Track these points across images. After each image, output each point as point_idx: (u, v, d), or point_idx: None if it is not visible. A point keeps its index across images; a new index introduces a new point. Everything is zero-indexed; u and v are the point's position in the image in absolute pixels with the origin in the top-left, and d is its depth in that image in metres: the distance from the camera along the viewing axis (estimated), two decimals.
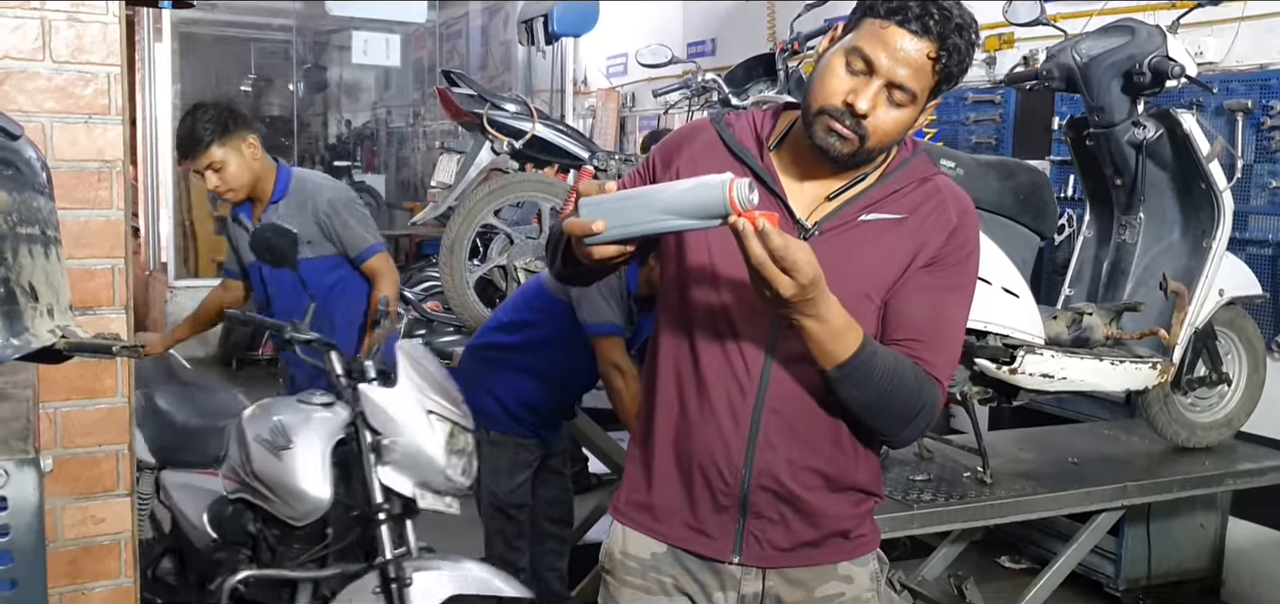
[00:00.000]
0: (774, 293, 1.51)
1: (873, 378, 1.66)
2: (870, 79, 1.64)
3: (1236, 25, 4.20)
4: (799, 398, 1.77)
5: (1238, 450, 3.88)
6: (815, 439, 1.80)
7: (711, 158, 1.80)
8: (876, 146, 1.69)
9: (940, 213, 1.77)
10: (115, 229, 2.38)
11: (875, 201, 1.76)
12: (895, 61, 1.62)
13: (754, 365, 1.77)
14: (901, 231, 1.75)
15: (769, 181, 1.77)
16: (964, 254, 1.79)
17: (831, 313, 1.59)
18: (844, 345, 1.62)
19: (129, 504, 2.52)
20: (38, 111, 2.27)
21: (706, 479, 1.82)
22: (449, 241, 4.29)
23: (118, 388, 2.45)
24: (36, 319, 1.11)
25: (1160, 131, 3.47)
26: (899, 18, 1.62)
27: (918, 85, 1.64)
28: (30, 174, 1.16)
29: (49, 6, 2.26)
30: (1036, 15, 3.72)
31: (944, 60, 1.64)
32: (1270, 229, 4.12)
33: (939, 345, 1.76)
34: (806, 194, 1.78)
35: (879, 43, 1.62)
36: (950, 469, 3.47)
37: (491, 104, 4.51)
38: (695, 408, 1.82)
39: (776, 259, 1.48)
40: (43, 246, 1.12)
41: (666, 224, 1.52)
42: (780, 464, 1.79)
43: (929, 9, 1.62)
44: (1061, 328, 3.47)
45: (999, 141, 5.20)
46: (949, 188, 1.82)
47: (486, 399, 3.46)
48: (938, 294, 1.76)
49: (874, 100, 1.64)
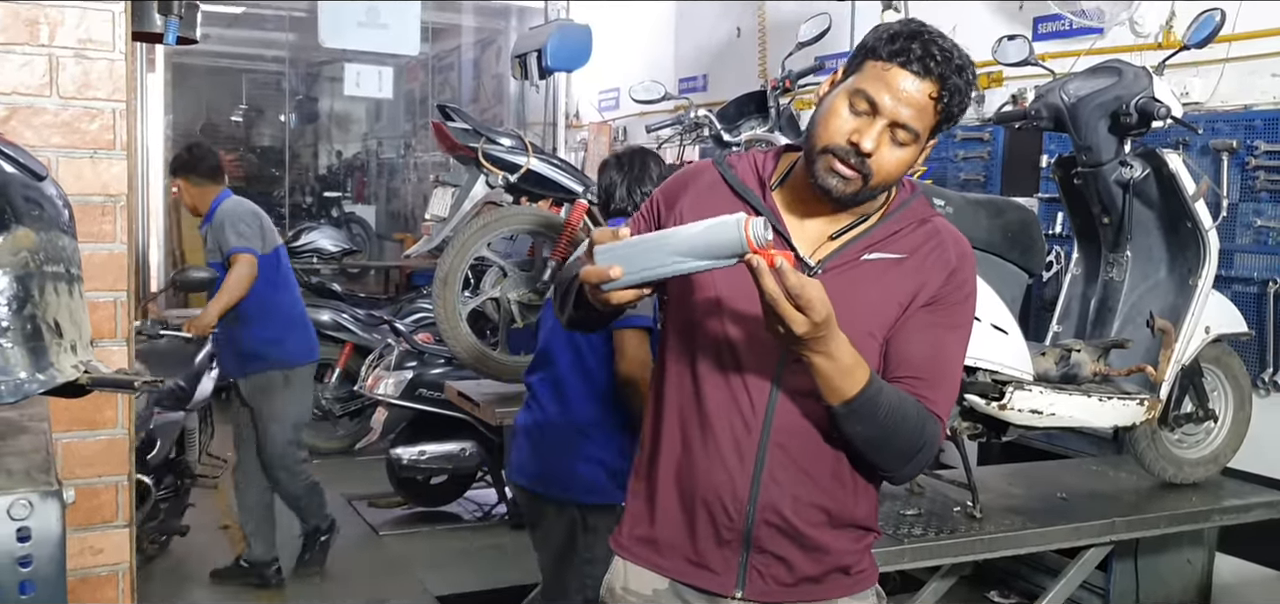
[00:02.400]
0: (787, 330, 1.55)
1: (878, 414, 1.68)
2: (874, 119, 1.68)
3: (1221, 67, 4.27)
4: (804, 433, 1.79)
5: (1224, 486, 3.91)
6: (819, 474, 1.82)
7: (715, 198, 1.83)
8: (878, 185, 1.73)
9: (940, 253, 1.81)
10: (119, 262, 2.40)
11: (877, 242, 1.80)
12: (898, 102, 1.67)
13: (759, 400, 1.79)
14: (902, 271, 1.79)
15: (772, 221, 1.79)
16: (963, 294, 1.82)
17: (841, 350, 1.61)
18: (852, 382, 1.65)
19: (128, 535, 2.52)
20: (44, 146, 2.30)
21: (710, 513, 1.83)
22: (443, 273, 4.32)
23: (118, 420, 2.47)
24: (61, 355, 1.13)
25: (1147, 171, 3.52)
26: (902, 59, 1.66)
27: (920, 125, 1.69)
28: (54, 213, 1.18)
29: (57, 44, 2.29)
30: (1025, 55, 3.78)
31: (945, 100, 1.69)
32: (1255, 267, 4.17)
33: (939, 383, 1.79)
34: (809, 233, 1.82)
35: (882, 84, 1.67)
36: (940, 504, 3.49)
37: (487, 138, 4.55)
38: (699, 442, 1.83)
39: (791, 297, 1.52)
40: (67, 284, 1.15)
41: (683, 266, 1.54)
42: (784, 499, 1.81)
43: (931, 50, 1.66)
44: (1050, 364, 3.51)
45: (988, 179, 5.26)
46: (947, 230, 1.86)
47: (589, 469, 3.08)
48: (937, 332, 1.79)
49: (878, 139, 1.68)
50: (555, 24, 6.49)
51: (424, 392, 5.76)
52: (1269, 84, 4.14)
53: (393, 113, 12.67)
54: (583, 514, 3.10)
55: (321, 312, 6.99)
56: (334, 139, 13.45)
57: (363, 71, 9.71)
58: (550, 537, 3.21)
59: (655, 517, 1.91)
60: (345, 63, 9.88)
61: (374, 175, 13.10)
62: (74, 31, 2.33)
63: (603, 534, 2.82)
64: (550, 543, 3.22)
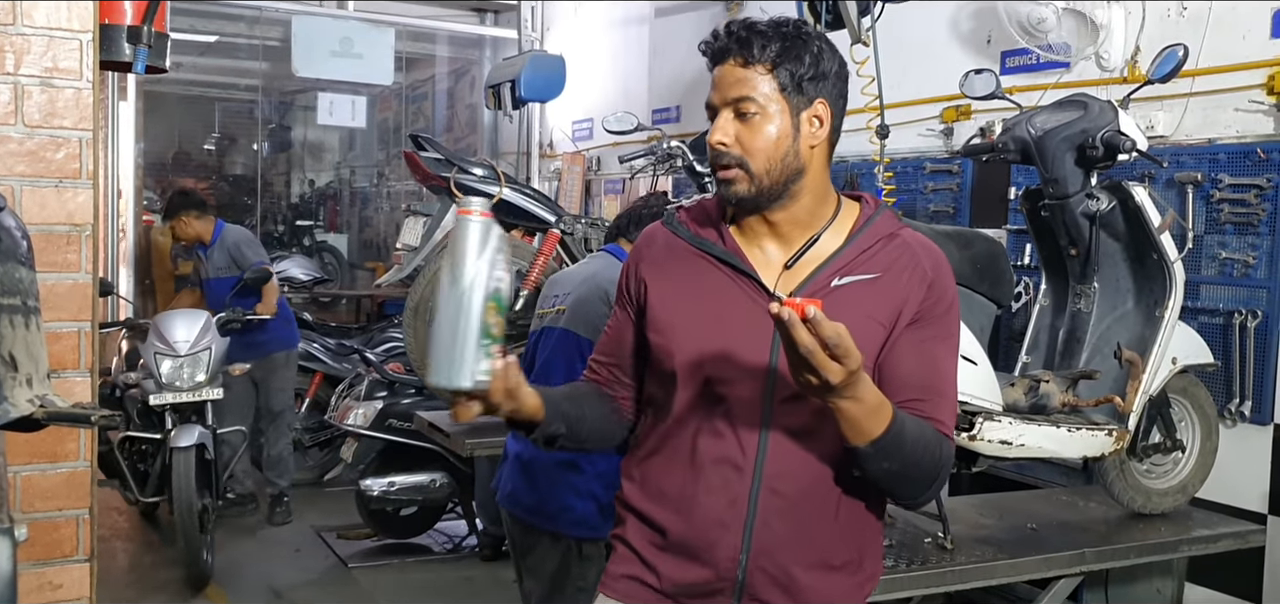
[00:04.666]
0: (823, 381, 1.49)
1: (905, 447, 1.65)
2: (718, 116, 1.77)
3: (1186, 101, 4.32)
4: (797, 476, 1.76)
5: (1193, 517, 3.93)
6: (815, 518, 1.78)
7: (673, 256, 1.86)
8: (764, 169, 1.74)
9: (915, 267, 1.79)
10: (83, 292, 2.38)
11: (845, 264, 1.77)
12: (725, 88, 1.76)
13: (749, 445, 1.76)
14: (877, 290, 1.76)
15: (738, 264, 1.79)
16: (946, 304, 1.81)
17: (868, 392, 1.57)
18: (878, 421, 1.60)
19: (88, 570, 2.49)
20: (8, 175, 2.28)
21: (702, 561, 1.79)
22: (413, 303, 4.31)
23: (80, 452, 2.44)
24: (16, 389, 1.11)
25: (1113, 203, 3.55)
26: (716, 59, 1.78)
27: (756, 91, 1.73)
28: (11, 244, 1.17)
29: (22, 72, 2.28)
30: (992, 89, 3.82)
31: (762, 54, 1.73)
32: (1221, 298, 4.21)
33: (940, 399, 1.76)
34: (769, 260, 1.81)
35: (713, 87, 1.79)
36: (911, 535, 3.49)
37: (459, 168, 4.54)
38: (690, 490, 1.80)
39: (828, 347, 1.46)
40: (24, 317, 1.13)
41: (475, 298, 1.55)
42: (779, 545, 1.77)
43: (732, 32, 1.75)
44: (1019, 395, 3.53)
45: (956, 210, 5.29)
46: (918, 240, 1.84)
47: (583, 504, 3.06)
48: (928, 347, 1.77)
49: (725, 128, 1.75)
50: (529, 55, 6.53)
51: (394, 422, 5.71)
52: (1232, 118, 4.20)
53: (366, 142, 12.64)
54: (577, 544, 3.09)
55: None
56: (307, 168, 13.39)
57: (336, 100, 9.67)
58: (542, 565, 3.18)
59: (645, 561, 1.87)
60: (318, 92, 9.85)
61: (346, 204, 13.06)
62: (40, 60, 2.31)
63: (596, 563, 2.94)
64: (542, 571, 3.19)
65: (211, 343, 5.43)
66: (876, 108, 4.47)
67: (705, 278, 1.82)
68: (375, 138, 12.48)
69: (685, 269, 1.84)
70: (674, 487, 1.82)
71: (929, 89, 5.35)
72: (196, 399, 5.27)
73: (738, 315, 1.78)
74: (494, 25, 9.77)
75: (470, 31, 10.04)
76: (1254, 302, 4.10)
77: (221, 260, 6.23)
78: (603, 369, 1.98)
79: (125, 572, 5.48)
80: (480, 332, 1.52)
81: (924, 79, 5.35)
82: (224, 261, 6.23)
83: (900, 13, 4.76)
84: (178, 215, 6.30)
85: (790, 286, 1.77)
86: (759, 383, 1.75)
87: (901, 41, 5.18)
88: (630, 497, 1.91)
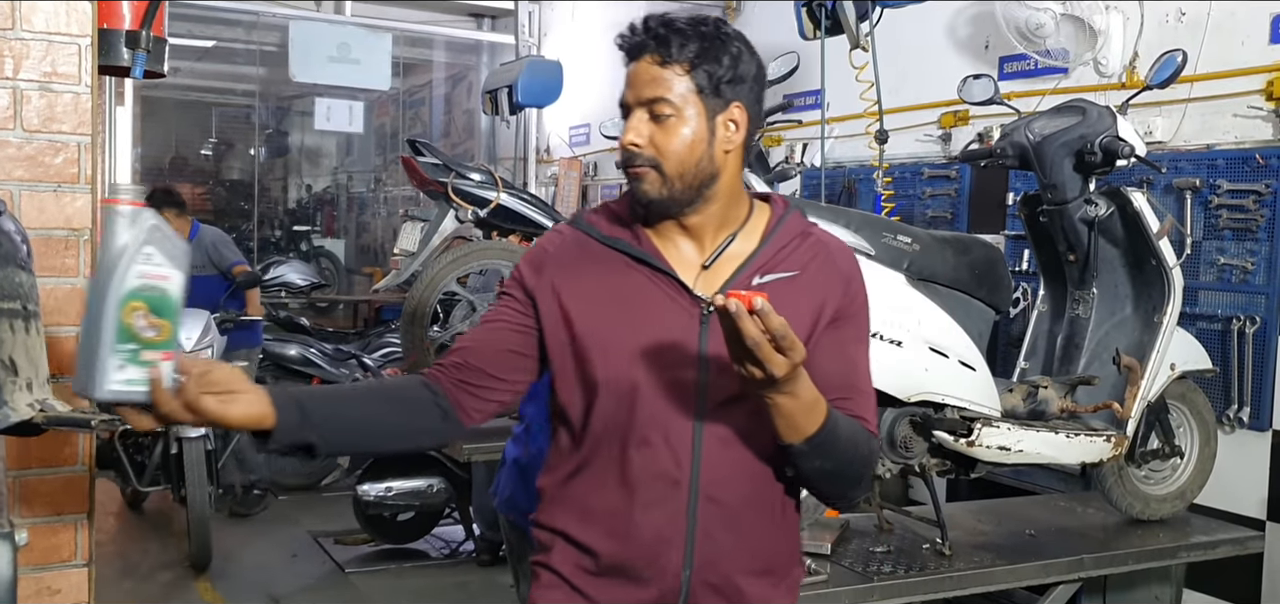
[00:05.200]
0: (767, 375, 1.46)
1: (839, 444, 1.62)
2: (631, 114, 1.71)
3: (1184, 106, 4.32)
4: (735, 482, 1.71)
5: (1191, 523, 3.93)
6: (755, 523, 1.74)
7: (585, 257, 1.77)
8: (677, 170, 1.68)
9: (831, 265, 1.77)
10: (81, 297, 2.38)
11: (764, 263, 1.74)
12: (639, 87, 1.69)
13: (684, 455, 1.69)
14: (797, 288, 1.72)
15: (657, 265, 1.73)
16: (861, 301, 1.79)
17: (805, 387, 1.54)
18: (814, 417, 1.57)
19: (87, 575, 2.48)
20: (6, 179, 2.28)
21: (643, 582, 1.73)
22: (411, 308, 4.30)
23: (78, 457, 2.43)
24: (16, 393, 1.11)
25: (1111, 209, 3.56)
26: (630, 56, 1.72)
27: (671, 92, 1.67)
28: (11, 248, 1.16)
29: (21, 77, 2.27)
30: (990, 94, 3.82)
31: (680, 53, 1.67)
32: (1219, 304, 4.22)
33: (863, 398, 1.74)
34: (686, 260, 1.75)
35: (628, 84, 1.72)
36: (910, 541, 3.49)
37: (457, 173, 4.54)
38: (624, 509, 1.72)
39: (776, 339, 1.43)
40: (24, 321, 1.13)
41: (109, 305, 1.40)
42: (722, 556, 1.72)
43: (649, 29, 1.69)
44: (1017, 401, 3.53)
45: (954, 216, 5.30)
46: (830, 239, 1.81)
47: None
48: (848, 347, 1.75)
49: (639, 129, 1.69)
50: (526, 60, 6.52)
51: None
52: (1231, 123, 4.20)
53: (363, 147, 12.64)
54: None
55: (289, 346, 6.96)
56: (304, 173, 13.38)
57: (333, 106, 9.69)
58: None
59: (575, 587, 1.78)
60: (316, 97, 9.86)
61: (344, 209, 13.05)
62: (39, 65, 2.31)
63: None
64: None
65: (212, 340, 5.80)
66: (875, 113, 4.48)
67: (624, 281, 1.74)
68: (372, 143, 12.48)
69: (601, 272, 1.75)
70: (604, 507, 1.73)
71: (927, 94, 5.36)
72: None
73: (662, 319, 1.71)
74: (491, 31, 9.78)
75: (467, 37, 10.05)
76: (1252, 307, 4.10)
77: (198, 259, 6.48)
78: (450, 370, 1.78)
79: (118, 567, 5.47)
80: (117, 336, 1.36)
81: (922, 84, 5.36)
82: (200, 260, 6.49)
83: (899, 18, 4.77)
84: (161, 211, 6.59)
85: (712, 288, 1.71)
86: (690, 389, 1.69)
87: (900, 47, 5.19)
88: (553, 520, 1.80)
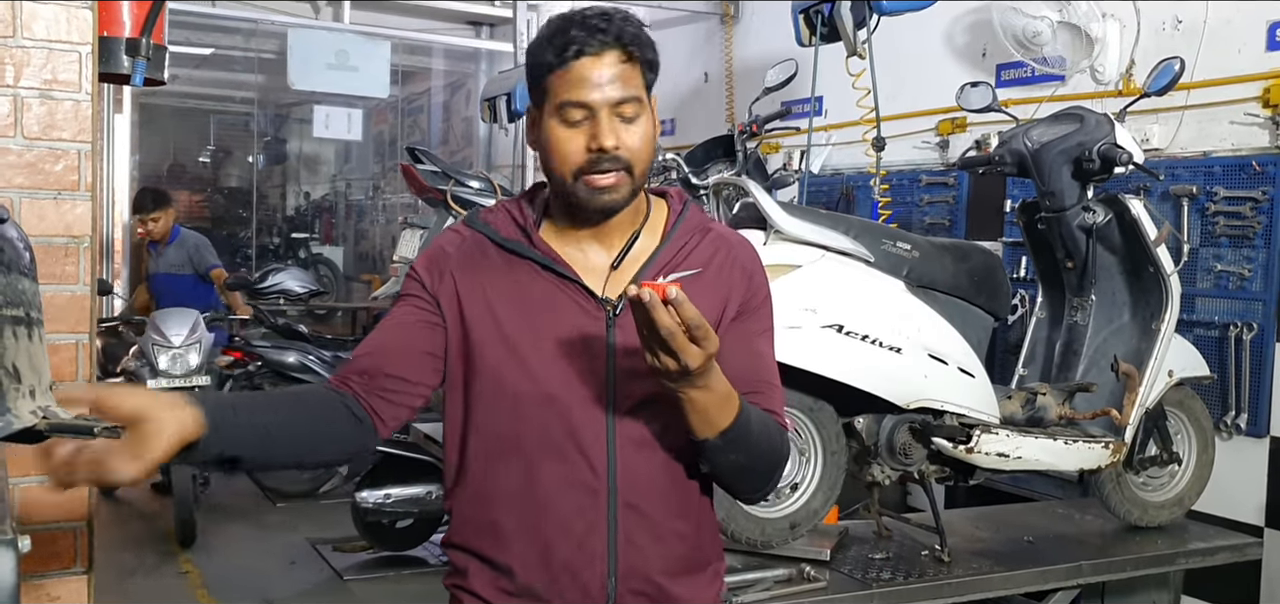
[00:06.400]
0: (681, 366, 1.42)
1: (752, 437, 1.59)
2: (597, 117, 1.59)
3: (1181, 114, 4.34)
4: (652, 485, 1.67)
5: (1189, 529, 3.94)
6: (675, 524, 1.70)
7: (484, 257, 1.70)
8: (642, 174, 1.64)
9: (734, 260, 1.74)
10: (81, 304, 2.38)
11: (669, 261, 1.69)
12: (604, 86, 1.59)
13: (599, 463, 1.64)
14: (702, 285, 1.67)
15: (553, 266, 1.67)
16: (764, 295, 1.76)
17: (718, 380, 1.50)
18: (727, 411, 1.53)
19: (86, 582, 2.48)
20: (7, 187, 2.28)
21: (567, 600, 1.67)
22: None
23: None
24: (19, 400, 1.11)
25: (1109, 216, 3.57)
26: (576, 51, 1.59)
27: (636, 91, 1.62)
28: (15, 255, 1.17)
29: (22, 84, 2.28)
30: (988, 102, 3.84)
31: (635, 52, 1.62)
32: (1217, 311, 4.23)
33: (771, 391, 1.70)
34: (592, 264, 1.70)
35: (580, 84, 1.59)
36: (909, 548, 3.50)
37: (455, 180, 4.56)
38: (540, 525, 1.66)
39: (691, 329, 1.40)
40: (26, 328, 1.13)
41: None
42: (646, 561, 1.68)
43: (593, 24, 1.59)
44: (1016, 407, 3.53)
45: (952, 223, 5.31)
46: (731, 234, 1.79)
47: None
48: (753, 342, 1.72)
49: (612, 131, 1.59)
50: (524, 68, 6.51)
51: None
52: (1227, 131, 4.22)
53: (362, 154, 12.65)
54: None
55: (287, 353, 6.94)
56: (302, 180, 13.38)
57: (332, 113, 9.69)
58: None
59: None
60: (314, 104, 9.86)
61: (342, 217, 13.05)
62: (40, 72, 2.31)
63: None
64: None
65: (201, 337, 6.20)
66: (872, 120, 4.49)
67: (529, 287, 1.67)
68: (371, 150, 12.48)
69: (502, 277, 1.69)
70: (519, 523, 1.66)
71: (925, 102, 5.37)
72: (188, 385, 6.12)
73: (568, 324, 1.65)
74: (489, 38, 9.78)
75: (465, 45, 10.05)
76: (1250, 314, 4.11)
77: (178, 259, 6.91)
78: (359, 377, 1.68)
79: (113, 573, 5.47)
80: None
81: (920, 92, 5.37)
82: (180, 261, 6.91)
83: (896, 26, 4.78)
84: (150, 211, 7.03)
85: (620, 288, 1.65)
86: (600, 395, 1.64)
87: (897, 54, 5.20)
88: (467, 539, 1.72)
